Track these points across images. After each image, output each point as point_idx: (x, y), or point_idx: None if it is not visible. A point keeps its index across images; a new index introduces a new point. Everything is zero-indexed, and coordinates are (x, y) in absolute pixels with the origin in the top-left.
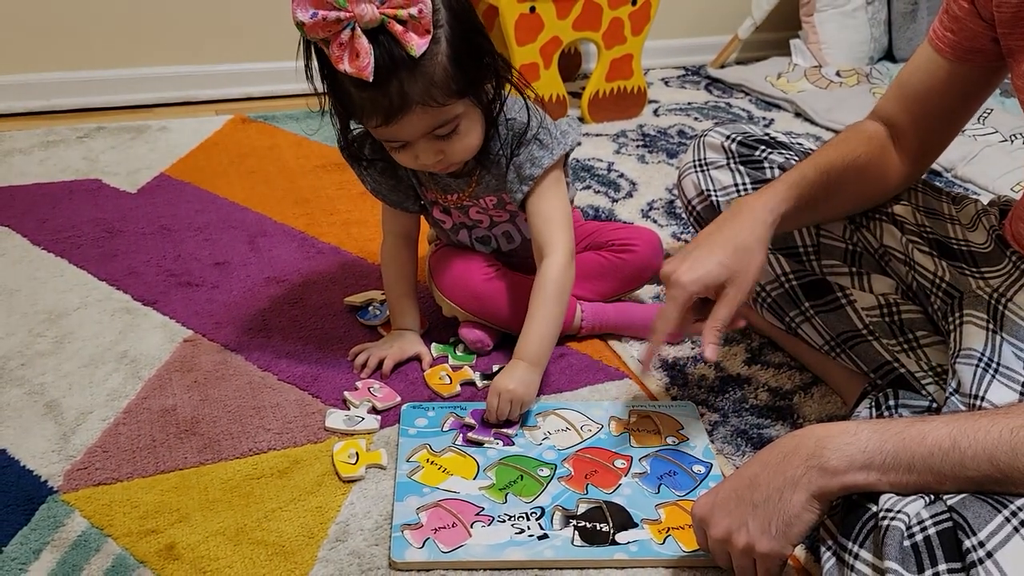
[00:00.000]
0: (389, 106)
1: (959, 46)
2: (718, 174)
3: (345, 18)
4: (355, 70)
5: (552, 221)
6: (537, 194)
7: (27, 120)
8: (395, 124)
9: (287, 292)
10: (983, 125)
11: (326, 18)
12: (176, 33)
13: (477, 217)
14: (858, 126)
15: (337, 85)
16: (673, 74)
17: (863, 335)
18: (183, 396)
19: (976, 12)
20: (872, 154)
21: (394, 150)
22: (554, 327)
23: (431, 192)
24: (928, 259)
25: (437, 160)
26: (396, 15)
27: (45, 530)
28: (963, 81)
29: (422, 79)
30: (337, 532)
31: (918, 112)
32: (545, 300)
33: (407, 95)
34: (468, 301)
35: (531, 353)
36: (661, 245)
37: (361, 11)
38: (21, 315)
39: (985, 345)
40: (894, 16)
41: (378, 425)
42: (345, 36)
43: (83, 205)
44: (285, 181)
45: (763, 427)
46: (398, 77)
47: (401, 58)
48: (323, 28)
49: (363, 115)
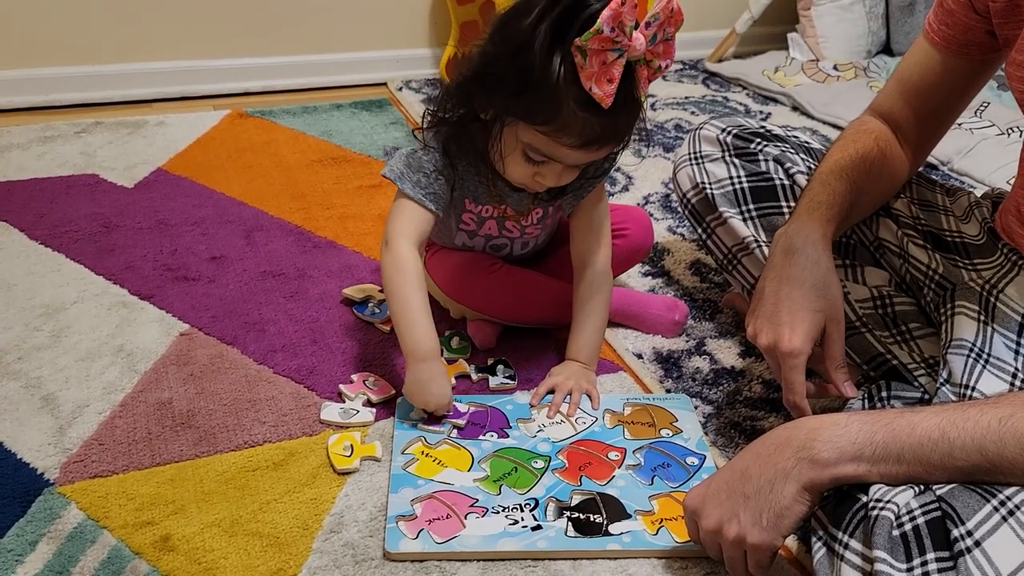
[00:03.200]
0: (599, 135)
1: (953, 39)
2: (713, 167)
3: (620, 44)
4: (602, 94)
5: (598, 231)
6: (590, 202)
7: (25, 115)
8: (583, 151)
9: (283, 286)
10: (980, 118)
11: (615, 38)
12: (173, 28)
13: (510, 230)
14: (862, 125)
15: (551, 93)
16: (670, 68)
17: (856, 327)
18: (179, 389)
19: (970, 5)
20: (883, 151)
21: (526, 160)
22: (602, 332)
23: (478, 201)
24: (922, 251)
25: (555, 183)
26: (651, 61)
27: (41, 522)
28: (959, 73)
29: (630, 123)
30: (332, 524)
31: (916, 105)
32: (595, 308)
33: (618, 132)
34: (478, 301)
35: (584, 354)
36: (651, 224)
37: (637, 44)
38: (18, 309)
39: (976, 336)
40: (891, 10)
41: (373, 418)
42: (610, 58)
43: (80, 200)
44: (282, 176)
45: (757, 419)
46: (619, 114)
47: (632, 99)
48: (604, 42)
49: (561, 131)
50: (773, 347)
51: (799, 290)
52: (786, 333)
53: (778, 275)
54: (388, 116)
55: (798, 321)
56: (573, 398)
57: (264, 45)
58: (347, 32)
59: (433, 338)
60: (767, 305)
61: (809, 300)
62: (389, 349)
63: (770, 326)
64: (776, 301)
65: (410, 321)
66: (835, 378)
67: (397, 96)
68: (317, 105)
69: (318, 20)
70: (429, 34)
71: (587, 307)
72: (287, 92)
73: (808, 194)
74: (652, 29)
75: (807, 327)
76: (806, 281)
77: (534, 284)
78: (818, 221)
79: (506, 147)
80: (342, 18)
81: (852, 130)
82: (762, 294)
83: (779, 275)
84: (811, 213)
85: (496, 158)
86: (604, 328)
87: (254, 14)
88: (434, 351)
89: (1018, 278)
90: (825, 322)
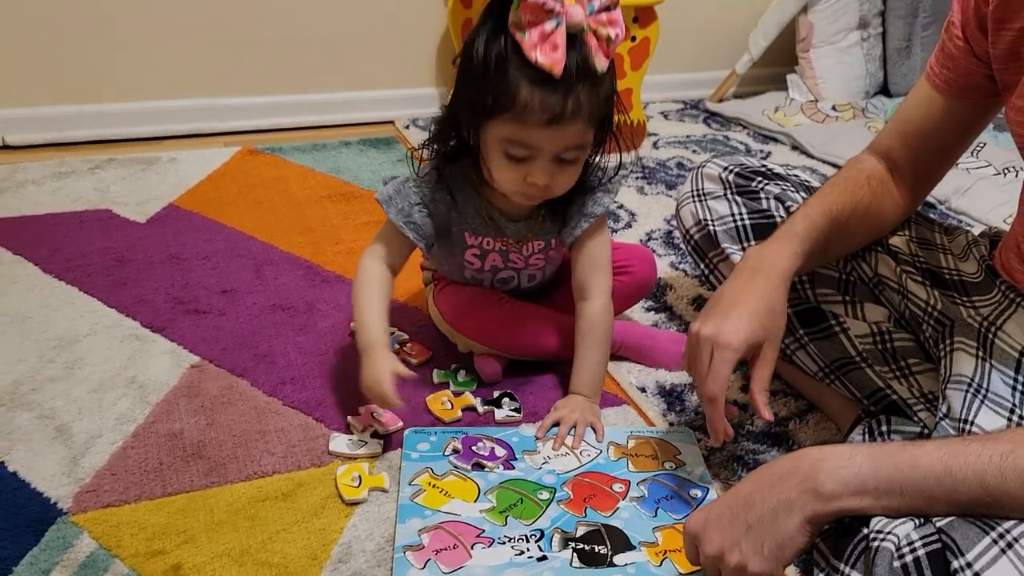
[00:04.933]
0: (561, 109)
1: (954, 83)
2: (716, 204)
3: (558, 11)
4: (548, 62)
5: (598, 265)
6: (590, 235)
7: (40, 152)
8: (553, 129)
9: (292, 319)
10: (976, 159)
11: (544, 4)
12: (185, 68)
13: (514, 263)
14: (858, 164)
15: (503, 77)
16: (672, 108)
17: (856, 362)
18: (190, 420)
19: (971, 50)
20: (874, 193)
21: (509, 162)
22: (605, 365)
23: (478, 234)
24: (921, 288)
25: (545, 182)
26: (597, 30)
27: (54, 551)
28: (959, 116)
29: (595, 96)
30: (340, 553)
31: (916, 146)
32: (595, 341)
33: (581, 105)
34: (484, 335)
35: (588, 388)
36: (655, 261)
37: (573, 13)
38: (33, 341)
39: (975, 371)
40: (889, 52)
41: (381, 449)
42: (548, 27)
43: (94, 234)
44: (291, 211)
45: (759, 453)
46: (578, 85)
47: (587, 69)
48: (536, 12)
49: (524, 112)
50: (713, 337)
51: (753, 304)
52: (730, 328)
53: (738, 286)
54: (395, 153)
55: (743, 325)
56: (577, 431)
57: (274, 84)
58: (355, 71)
59: (375, 331)
60: (721, 306)
61: (758, 316)
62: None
63: (716, 320)
64: (730, 306)
65: (360, 320)
66: (757, 398)
67: (404, 134)
68: (326, 142)
69: (327, 59)
70: (435, 74)
71: (588, 340)
72: (296, 130)
73: (789, 222)
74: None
75: (748, 333)
76: (760, 299)
77: (540, 318)
78: (788, 252)
79: (490, 155)
80: (350, 58)
81: (847, 169)
82: (719, 298)
83: (739, 286)
84: (785, 242)
85: (487, 174)
86: (606, 361)
87: (265, 54)
88: (375, 342)
89: (1016, 315)
90: (764, 342)
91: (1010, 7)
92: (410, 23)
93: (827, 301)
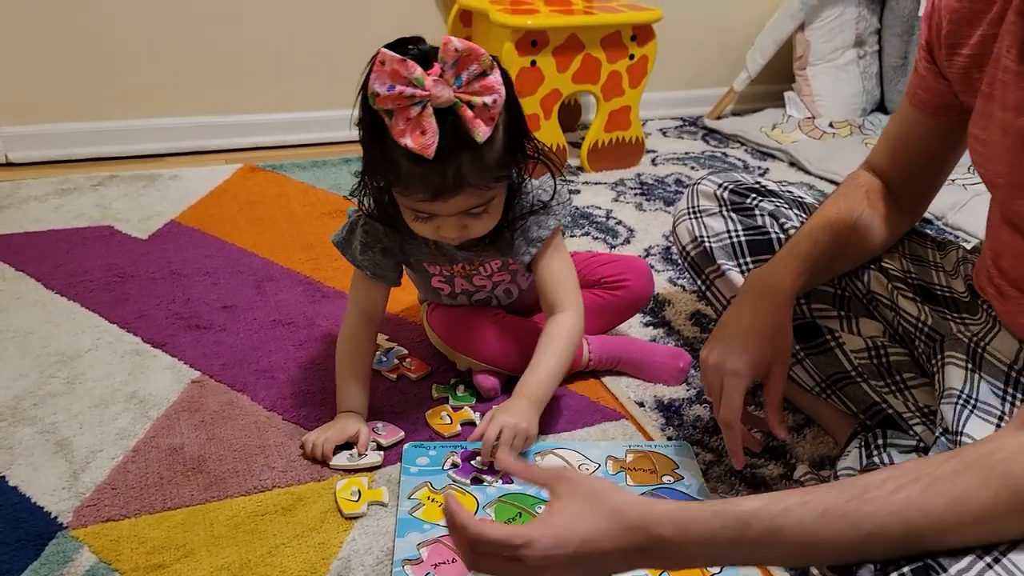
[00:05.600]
0: (442, 184)
1: (929, 102)
2: (711, 221)
3: (420, 96)
4: (418, 146)
5: (562, 282)
6: (545, 256)
7: (43, 169)
8: (440, 201)
9: (292, 335)
10: (972, 174)
11: (402, 93)
12: (187, 85)
13: (481, 283)
14: (855, 180)
15: (386, 154)
16: (671, 125)
17: (852, 377)
18: (190, 435)
19: (938, 71)
20: (874, 207)
21: (417, 220)
22: (558, 376)
23: (434, 263)
24: (912, 304)
25: (459, 235)
26: (471, 101)
27: (54, 565)
28: (940, 133)
29: (479, 163)
30: (339, 568)
31: (904, 162)
32: (553, 350)
33: (462, 177)
34: (485, 354)
35: (533, 392)
36: (651, 273)
37: (439, 92)
38: (34, 356)
39: (964, 383)
40: (885, 69)
41: (380, 460)
42: (414, 112)
43: (96, 251)
44: (292, 228)
45: (757, 467)
46: (458, 159)
47: (465, 141)
48: (395, 101)
49: (408, 188)
50: (720, 365)
51: (759, 328)
52: (734, 356)
53: (742, 310)
54: None
55: (749, 351)
56: (504, 437)
57: (275, 101)
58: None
59: (355, 399)
60: (726, 331)
61: (764, 339)
62: (395, 395)
63: (722, 347)
64: (735, 332)
65: (338, 382)
66: (770, 417)
67: None
68: (326, 159)
69: (327, 77)
70: None
71: (543, 345)
72: (297, 147)
73: (792, 241)
74: (450, 74)
75: (754, 358)
76: (766, 322)
77: (535, 333)
78: (792, 273)
79: (403, 212)
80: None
81: (845, 185)
82: (725, 324)
83: (743, 310)
84: (788, 263)
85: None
86: (559, 372)
87: (265, 72)
88: (354, 408)
89: (1001, 333)
90: (771, 363)
91: (959, 33)
92: None
93: (823, 316)
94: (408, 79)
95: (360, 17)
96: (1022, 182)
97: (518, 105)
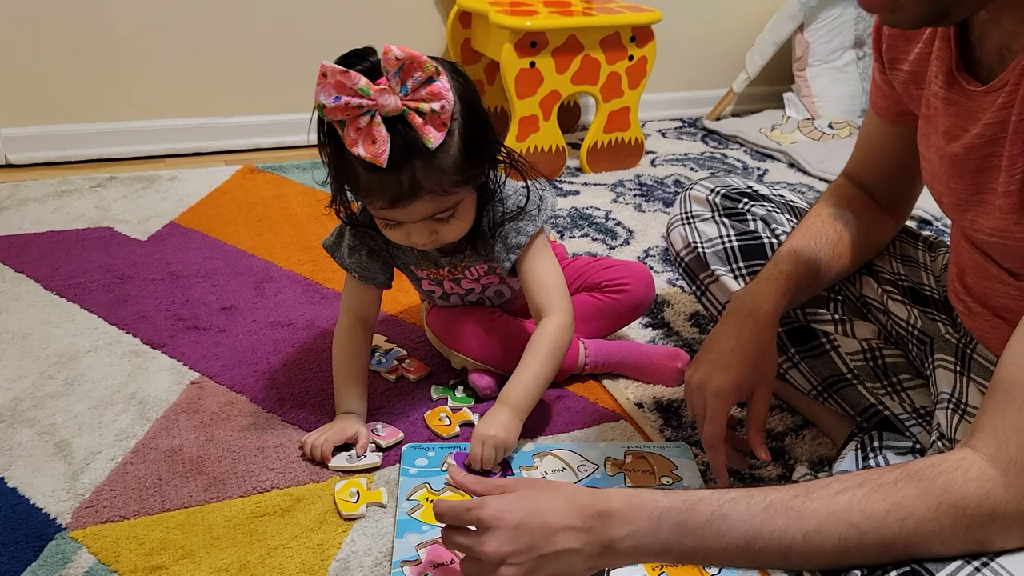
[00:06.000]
0: (398, 192)
1: (888, 110)
2: (704, 226)
3: (367, 105)
4: (370, 155)
5: (547, 286)
6: (527, 261)
7: (42, 170)
8: (400, 208)
9: (292, 336)
10: None
11: (349, 103)
12: (187, 87)
13: (469, 286)
14: (837, 190)
15: (344, 163)
16: (670, 126)
17: (848, 379)
18: (189, 436)
19: (888, 80)
20: (858, 216)
21: (387, 227)
22: (543, 382)
23: (420, 267)
24: (901, 307)
25: (430, 240)
26: (418, 108)
27: (53, 566)
28: (905, 139)
29: (434, 169)
30: (338, 569)
31: (879, 168)
32: (538, 355)
33: (418, 184)
34: (478, 351)
35: (516, 400)
36: (652, 278)
37: (384, 101)
38: (34, 358)
39: (953, 387)
40: None
41: (379, 461)
42: (363, 121)
43: (95, 252)
44: (291, 229)
45: (755, 468)
46: (411, 166)
47: (417, 148)
48: (343, 112)
49: (368, 196)
50: (703, 385)
51: (741, 349)
52: (718, 376)
53: (726, 331)
54: None
55: (733, 372)
56: (484, 455)
57: (274, 103)
58: None
59: (354, 400)
60: (711, 352)
61: (747, 361)
62: (394, 397)
63: (706, 368)
64: (719, 352)
65: (336, 385)
66: (752, 438)
67: None
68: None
69: None
70: None
71: (529, 351)
72: (297, 148)
73: (775, 259)
74: (395, 82)
75: (738, 379)
76: (749, 344)
77: (525, 335)
78: (774, 292)
79: (375, 218)
80: None
81: (826, 197)
82: (710, 345)
83: (727, 332)
84: (770, 283)
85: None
86: (545, 377)
87: (265, 73)
88: (353, 410)
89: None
90: (754, 384)
91: (898, 48)
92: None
93: (817, 320)
94: (353, 89)
95: (360, 19)
96: (962, 204)
97: (480, 110)
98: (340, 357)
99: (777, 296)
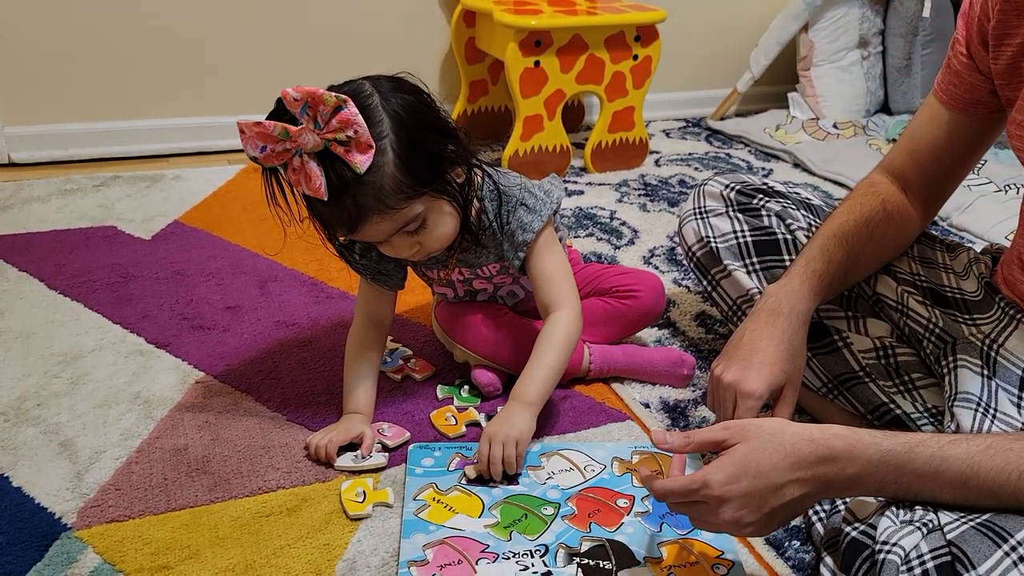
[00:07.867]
0: (349, 218)
1: (960, 98)
2: (717, 221)
3: (292, 147)
4: (311, 191)
5: (555, 281)
6: (535, 256)
7: (46, 169)
8: (359, 232)
9: (296, 335)
10: (977, 175)
11: (275, 150)
12: (190, 86)
13: (481, 286)
14: (871, 187)
15: (307, 203)
16: (674, 125)
17: (860, 377)
18: (195, 436)
19: (975, 66)
20: (890, 216)
21: (370, 246)
22: (555, 376)
23: (430, 271)
24: (921, 307)
25: (414, 251)
26: (336, 138)
27: (58, 566)
28: (967, 132)
29: (372, 190)
30: (344, 569)
31: (926, 163)
32: (549, 349)
33: (362, 207)
34: (480, 346)
35: (530, 395)
36: (663, 289)
37: (304, 140)
38: (38, 357)
39: (982, 390)
40: (889, 70)
41: (386, 461)
42: (296, 162)
43: (99, 251)
44: (295, 228)
45: None
46: (349, 192)
47: (349, 175)
48: (275, 158)
49: (332, 226)
50: (736, 383)
51: (774, 349)
52: (752, 376)
53: (759, 329)
54: None
55: (766, 371)
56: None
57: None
58: None
59: (361, 400)
60: (742, 350)
61: (780, 360)
62: (400, 396)
63: (738, 367)
64: (751, 350)
65: (346, 384)
66: None
67: None
68: None
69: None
70: (438, 92)
71: (540, 345)
72: None
73: (806, 256)
74: (308, 120)
75: (770, 379)
76: (781, 343)
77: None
78: (808, 292)
79: None
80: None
81: (861, 191)
82: (740, 340)
83: (760, 330)
84: (804, 282)
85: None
86: (557, 369)
87: (268, 72)
88: (360, 410)
89: (1017, 331)
90: (785, 384)
91: (1009, 23)
92: (413, 42)
93: (830, 316)
94: (273, 136)
95: (365, 18)
96: None
97: (422, 120)
98: (351, 357)
99: (811, 296)
